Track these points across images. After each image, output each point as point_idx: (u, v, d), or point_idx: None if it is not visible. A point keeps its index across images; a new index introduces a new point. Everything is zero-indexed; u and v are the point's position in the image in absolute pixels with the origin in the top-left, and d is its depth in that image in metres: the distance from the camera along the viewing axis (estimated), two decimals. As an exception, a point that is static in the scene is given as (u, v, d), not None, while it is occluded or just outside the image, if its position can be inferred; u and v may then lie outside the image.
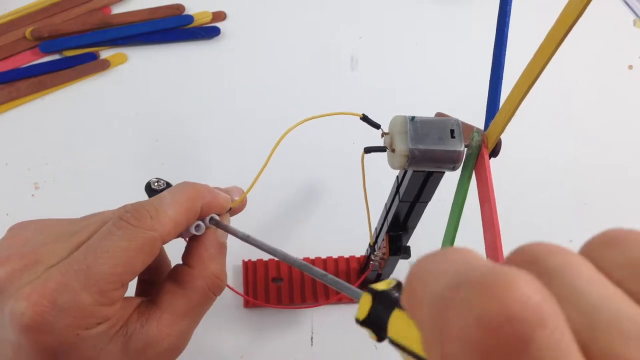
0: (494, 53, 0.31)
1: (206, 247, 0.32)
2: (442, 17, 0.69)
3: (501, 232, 0.27)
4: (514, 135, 0.59)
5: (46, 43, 0.61)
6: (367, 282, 0.48)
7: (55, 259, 0.28)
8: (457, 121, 0.31)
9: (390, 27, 0.69)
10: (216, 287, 0.32)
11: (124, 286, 0.28)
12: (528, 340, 0.11)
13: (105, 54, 0.62)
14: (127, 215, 0.28)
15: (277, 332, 0.47)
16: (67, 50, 0.62)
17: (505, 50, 0.30)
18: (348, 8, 0.70)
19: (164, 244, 0.30)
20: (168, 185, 0.36)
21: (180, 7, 0.66)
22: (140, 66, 0.62)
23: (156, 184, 0.36)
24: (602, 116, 0.63)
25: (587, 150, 0.60)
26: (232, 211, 0.35)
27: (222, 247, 0.33)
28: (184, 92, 0.61)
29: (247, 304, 0.47)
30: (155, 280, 0.34)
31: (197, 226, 0.32)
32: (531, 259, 0.14)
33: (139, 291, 0.35)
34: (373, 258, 0.43)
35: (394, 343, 0.15)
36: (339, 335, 0.47)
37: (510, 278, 0.12)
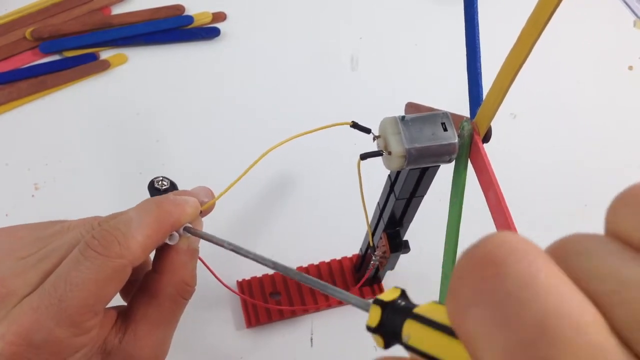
0: (466, 39, 0.31)
1: (178, 254, 0.32)
2: (442, 17, 0.69)
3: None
4: (512, 137, 0.60)
5: (46, 43, 0.61)
6: (368, 283, 0.48)
7: (25, 289, 0.27)
8: (446, 113, 0.31)
9: (390, 28, 0.69)
10: (186, 292, 0.32)
11: (98, 314, 0.28)
12: (499, 265, 0.13)
13: (106, 54, 0.62)
14: (94, 243, 0.28)
15: (277, 333, 0.47)
16: (67, 51, 0.62)
17: (478, 36, 0.30)
18: (348, 8, 0.70)
19: (134, 266, 0.29)
20: (172, 184, 0.36)
21: (180, 8, 0.66)
22: (141, 67, 0.62)
23: (160, 182, 0.35)
24: (602, 117, 0.63)
25: (587, 151, 0.60)
26: (202, 213, 0.34)
27: (194, 253, 0.33)
28: (184, 92, 0.61)
29: (249, 325, 0.46)
30: (139, 279, 0.33)
31: (171, 236, 0.31)
32: (559, 245, 0.14)
33: (124, 290, 0.34)
34: (374, 258, 0.43)
35: (408, 347, 0.16)
36: (339, 337, 0.47)
37: (497, 233, 0.14)
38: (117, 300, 0.32)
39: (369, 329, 0.18)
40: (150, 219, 0.30)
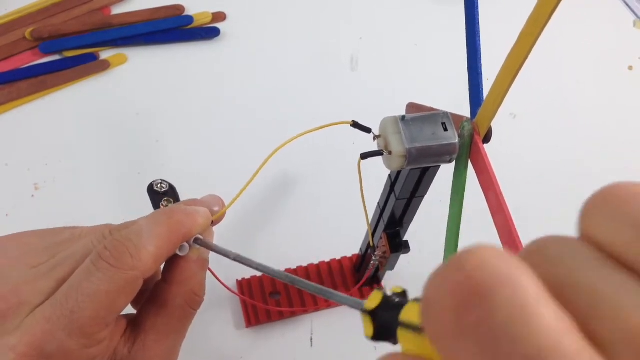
0: (467, 40, 0.31)
1: (188, 264, 0.31)
2: (442, 17, 0.69)
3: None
4: (513, 137, 0.60)
5: (46, 43, 0.61)
6: (368, 283, 0.48)
7: (38, 299, 0.27)
8: (446, 114, 0.31)
9: (390, 28, 0.69)
10: (195, 303, 0.32)
11: (109, 325, 0.28)
12: (485, 296, 0.12)
13: (105, 54, 0.62)
14: (106, 254, 0.28)
15: (277, 333, 0.47)
16: (67, 51, 0.62)
17: (478, 36, 0.30)
18: (348, 8, 0.70)
19: (146, 278, 0.29)
20: (171, 187, 0.36)
21: (180, 8, 0.66)
22: (140, 67, 0.62)
23: (159, 185, 0.35)
24: (602, 117, 0.63)
25: (587, 151, 0.60)
26: (212, 223, 0.34)
27: (204, 264, 0.33)
28: (184, 92, 0.61)
29: (249, 324, 0.46)
30: (149, 289, 0.33)
31: (182, 247, 0.31)
32: (535, 250, 0.14)
33: (134, 299, 0.34)
34: (374, 258, 0.43)
35: (405, 325, 0.16)
36: (339, 336, 0.47)
37: (473, 249, 0.13)
38: (127, 309, 0.33)
39: (370, 338, 0.18)
40: (162, 229, 0.29)
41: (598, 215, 0.14)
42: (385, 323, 0.17)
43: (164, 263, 0.32)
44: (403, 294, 0.18)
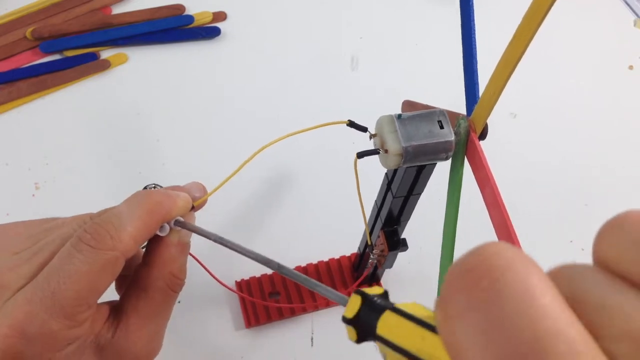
0: (462, 37, 0.31)
1: (168, 247, 0.32)
2: (443, 17, 0.69)
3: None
4: (513, 136, 0.60)
5: (47, 43, 0.62)
6: (367, 281, 0.48)
7: (19, 283, 0.28)
8: (442, 111, 0.31)
9: (390, 27, 0.69)
10: (175, 285, 0.32)
11: (91, 307, 0.28)
12: (497, 276, 0.13)
13: (106, 54, 0.62)
14: (86, 237, 0.28)
15: (277, 333, 0.47)
16: (68, 51, 0.62)
17: (474, 33, 0.30)
18: (348, 8, 0.70)
19: (126, 259, 0.29)
20: None
21: (180, 7, 0.66)
22: (141, 66, 0.62)
23: (152, 189, 0.36)
24: (602, 116, 0.63)
25: (587, 150, 0.60)
26: (194, 208, 0.34)
27: (185, 247, 0.33)
28: (185, 92, 0.61)
29: (248, 325, 0.46)
30: (131, 273, 0.34)
31: (162, 227, 0.31)
32: (554, 273, 0.15)
33: (118, 284, 0.35)
34: (372, 257, 0.43)
35: (382, 340, 0.16)
36: (339, 336, 0.47)
37: (490, 242, 0.14)
38: (112, 295, 0.33)
39: (344, 319, 0.18)
40: (141, 210, 0.30)
41: (609, 238, 0.14)
42: (367, 329, 0.17)
43: (145, 247, 0.33)
44: (384, 296, 0.18)
